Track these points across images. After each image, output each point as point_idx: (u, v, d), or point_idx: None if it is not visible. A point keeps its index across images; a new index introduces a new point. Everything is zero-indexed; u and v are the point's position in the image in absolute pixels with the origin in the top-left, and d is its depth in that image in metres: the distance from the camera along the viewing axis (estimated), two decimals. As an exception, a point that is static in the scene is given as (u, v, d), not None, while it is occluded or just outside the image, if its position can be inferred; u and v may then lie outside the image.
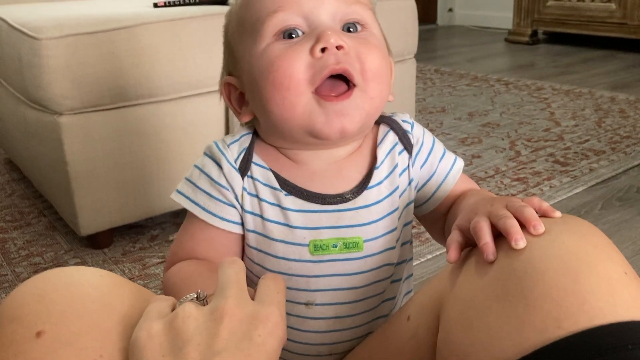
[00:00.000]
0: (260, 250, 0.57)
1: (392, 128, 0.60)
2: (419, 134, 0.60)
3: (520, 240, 0.43)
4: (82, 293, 0.39)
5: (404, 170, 0.59)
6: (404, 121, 0.60)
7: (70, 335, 0.37)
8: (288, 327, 0.58)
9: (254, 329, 0.37)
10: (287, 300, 0.55)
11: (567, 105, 2.22)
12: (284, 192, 0.55)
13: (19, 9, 1.39)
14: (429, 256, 1.18)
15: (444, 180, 0.61)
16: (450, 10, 4.64)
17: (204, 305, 0.40)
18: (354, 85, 0.51)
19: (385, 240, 0.57)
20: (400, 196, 0.58)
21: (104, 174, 1.16)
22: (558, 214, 0.47)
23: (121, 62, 1.12)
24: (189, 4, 1.29)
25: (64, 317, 0.37)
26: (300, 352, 0.60)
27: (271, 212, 0.55)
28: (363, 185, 0.57)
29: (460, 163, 0.62)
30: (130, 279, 1.12)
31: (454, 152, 1.74)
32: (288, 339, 0.58)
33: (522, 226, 0.45)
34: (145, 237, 1.29)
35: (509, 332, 0.40)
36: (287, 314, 0.57)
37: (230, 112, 1.26)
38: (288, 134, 0.54)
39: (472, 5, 4.48)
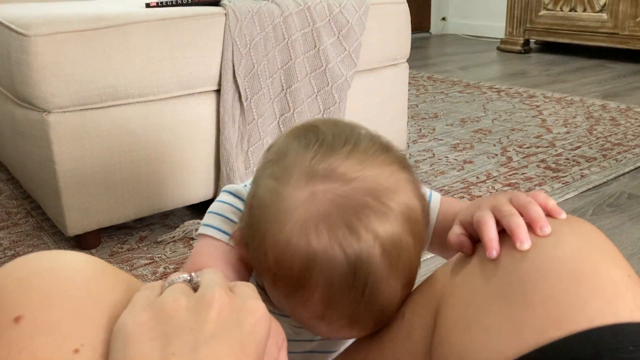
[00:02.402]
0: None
1: None
2: None
3: (525, 241, 0.42)
4: (66, 278, 0.38)
5: None
6: None
7: (50, 322, 0.35)
8: None
9: (243, 317, 0.36)
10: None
11: (558, 112, 2.22)
12: None
13: (10, 6, 1.37)
14: (428, 256, 1.17)
15: None
16: (443, 19, 4.66)
17: (194, 288, 0.39)
18: None
19: None
20: None
21: (92, 173, 1.15)
22: (563, 214, 0.45)
23: (111, 60, 1.11)
24: (181, 4, 1.29)
25: (44, 303, 0.36)
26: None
27: None
28: None
29: (435, 196, 0.61)
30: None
31: (446, 157, 1.75)
32: None
33: (527, 225, 0.43)
34: (133, 239, 1.28)
35: (508, 332, 0.39)
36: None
37: (222, 113, 1.25)
38: None
39: (465, 15, 4.50)
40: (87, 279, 0.39)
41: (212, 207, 0.57)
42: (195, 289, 0.39)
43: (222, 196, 0.58)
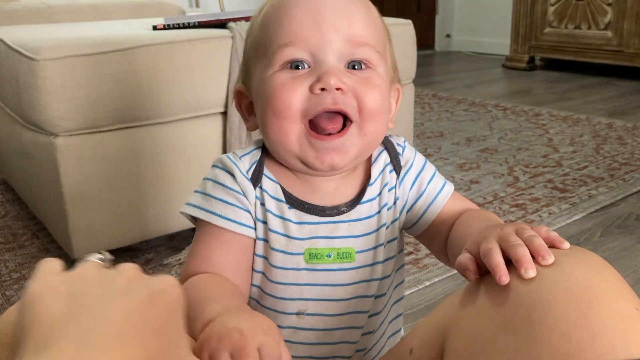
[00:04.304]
0: (265, 258, 0.59)
1: (386, 148, 0.63)
2: (409, 156, 0.63)
3: (530, 269, 0.42)
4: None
5: (391, 188, 0.62)
6: (398, 144, 0.64)
7: None
8: None
9: (154, 283, 0.35)
10: (279, 312, 0.59)
11: (565, 131, 2.22)
12: (288, 205, 0.58)
13: (18, 29, 1.39)
14: (427, 283, 1.16)
15: (432, 201, 0.63)
16: (448, 36, 4.68)
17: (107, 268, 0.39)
18: (351, 122, 0.54)
19: (374, 254, 0.60)
20: (387, 211, 0.61)
21: (98, 196, 1.15)
22: (566, 244, 0.46)
23: (118, 84, 1.11)
24: (188, 27, 1.29)
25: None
26: None
27: (274, 223, 0.58)
28: (357, 199, 0.60)
29: (449, 188, 0.64)
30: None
31: (452, 177, 1.74)
32: None
33: (532, 257, 0.44)
34: (139, 261, 1.27)
35: None
36: (279, 326, 0.59)
37: (228, 135, 1.26)
38: (283, 159, 0.57)
39: (470, 32, 4.52)
40: None
41: (209, 189, 0.59)
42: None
43: (211, 172, 0.60)
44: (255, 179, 0.59)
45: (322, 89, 0.52)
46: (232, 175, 0.58)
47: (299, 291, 0.58)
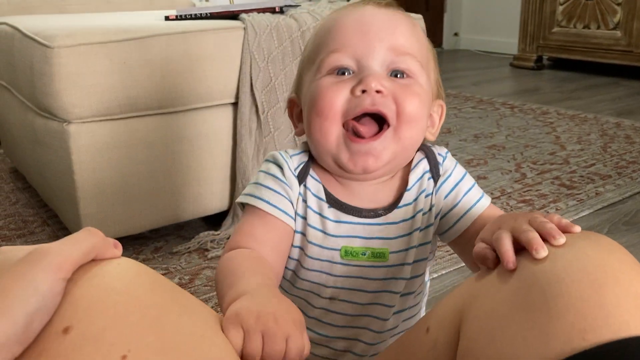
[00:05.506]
0: (300, 248, 0.63)
1: (427, 156, 0.65)
2: (449, 166, 0.66)
3: (541, 249, 0.44)
4: (105, 285, 0.39)
5: (428, 195, 0.64)
6: (439, 154, 0.66)
7: (96, 331, 0.35)
8: (311, 318, 0.65)
9: None
10: (314, 293, 0.64)
11: (572, 129, 2.22)
12: (327, 204, 0.62)
13: (33, 18, 1.40)
14: (435, 275, 1.17)
15: (466, 212, 0.64)
16: (456, 34, 4.67)
17: None
18: (388, 126, 0.57)
19: (405, 255, 0.63)
20: (422, 216, 0.63)
21: (110, 183, 1.16)
22: (578, 228, 0.47)
23: (131, 72, 1.12)
24: (201, 17, 1.30)
25: (89, 312, 0.36)
26: (319, 342, 0.65)
27: (313, 219, 0.62)
28: (394, 204, 0.63)
29: (485, 201, 0.65)
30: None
31: (460, 172, 1.74)
32: (309, 329, 0.64)
33: (545, 240, 0.45)
34: (148, 249, 1.29)
35: (533, 343, 0.39)
36: (312, 306, 0.65)
37: (239, 125, 1.27)
38: (321, 159, 0.61)
39: (478, 30, 4.52)
40: (125, 284, 0.39)
41: (260, 178, 0.64)
42: None
43: (264, 165, 0.65)
44: (301, 177, 0.63)
45: (363, 91, 0.56)
46: (282, 169, 0.63)
47: (333, 281, 0.63)
